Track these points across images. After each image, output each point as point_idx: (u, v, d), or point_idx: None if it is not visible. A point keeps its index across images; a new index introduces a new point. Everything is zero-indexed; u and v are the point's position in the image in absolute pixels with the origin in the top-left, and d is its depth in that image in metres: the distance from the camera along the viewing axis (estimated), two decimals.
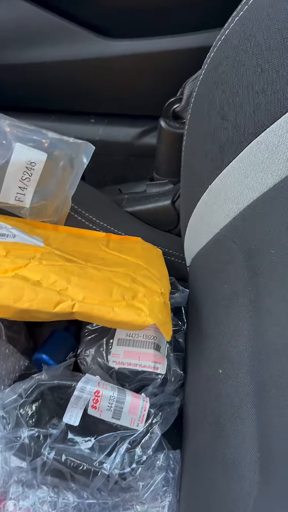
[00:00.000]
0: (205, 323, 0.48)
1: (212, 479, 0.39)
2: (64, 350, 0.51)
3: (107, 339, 0.50)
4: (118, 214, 0.63)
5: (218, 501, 0.37)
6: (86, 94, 0.64)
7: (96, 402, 0.41)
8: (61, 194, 0.56)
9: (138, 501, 0.41)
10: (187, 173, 0.54)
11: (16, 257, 0.46)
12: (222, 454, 0.39)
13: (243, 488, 0.35)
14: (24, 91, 0.64)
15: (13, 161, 0.52)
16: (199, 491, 0.41)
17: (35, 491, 0.39)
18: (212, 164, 0.48)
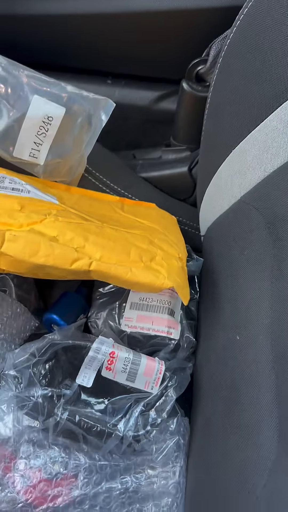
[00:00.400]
0: (222, 291, 0.47)
1: (227, 447, 0.38)
2: (75, 311, 0.50)
3: (119, 302, 0.49)
4: (133, 179, 0.61)
5: (233, 468, 0.36)
6: (104, 52, 0.62)
7: (111, 363, 0.40)
8: (77, 152, 0.54)
9: (149, 465, 0.40)
10: (209, 137, 0.53)
11: (31, 212, 0.44)
12: (238, 421, 0.38)
13: (260, 454, 0.35)
14: (40, 45, 0.62)
15: (29, 114, 0.50)
16: (211, 458, 0.40)
17: (46, 451, 0.38)
18: (238, 126, 0.46)
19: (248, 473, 0.35)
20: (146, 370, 0.41)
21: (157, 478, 0.40)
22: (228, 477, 0.37)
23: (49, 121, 0.50)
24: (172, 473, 0.41)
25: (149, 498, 0.40)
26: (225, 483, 0.37)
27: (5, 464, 0.38)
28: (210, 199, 0.54)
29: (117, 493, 0.39)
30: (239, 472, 0.36)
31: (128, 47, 0.60)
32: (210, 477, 0.39)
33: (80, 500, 0.38)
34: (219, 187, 0.52)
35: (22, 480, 0.38)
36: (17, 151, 0.51)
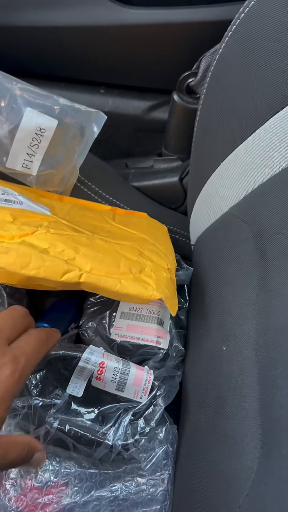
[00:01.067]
0: (210, 301, 0.48)
1: (212, 455, 0.39)
2: (66, 320, 0.51)
3: (110, 312, 0.50)
4: (125, 188, 0.62)
5: (218, 476, 0.37)
6: (97, 63, 0.63)
7: (100, 373, 0.41)
8: (69, 163, 0.55)
9: (138, 473, 0.41)
10: (199, 148, 0.53)
11: (23, 224, 0.45)
12: (223, 430, 0.39)
13: (244, 463, 0.36)
14: (34, 55, 0.63)
15: (22, 126, 0.50)
16: (197, 466, 0.41)
17: None
18: (227, 139, 0.47)
19: (231, 482, 0.36)
20: (135, 380, 0.42)
21: (146, 486, 0.41)
22: (213, 485, 0.38)
23: (42, 133, 0.51)
24: (160, 480, 0.41)
25: (138, 505, 0.40)
26: (210, 491, 0.38)
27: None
28: (200, 209, 0.55)
29: (107, 501, 0.40)
30: (223, 481, 0.37)
31: (121, 58, 0.61)
32: (196, 484, 0.40)
33: (70, 508, 0.39)
34: (208, 198, 0.53)
35: (13, 489, 0.38)
36: (10, 162, 0.52)
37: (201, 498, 0.39)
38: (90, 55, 0.61)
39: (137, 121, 0.66)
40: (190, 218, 0.58)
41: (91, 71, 0.64)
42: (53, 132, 0.51)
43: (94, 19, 0.57)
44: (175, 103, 0.58)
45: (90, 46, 0.60)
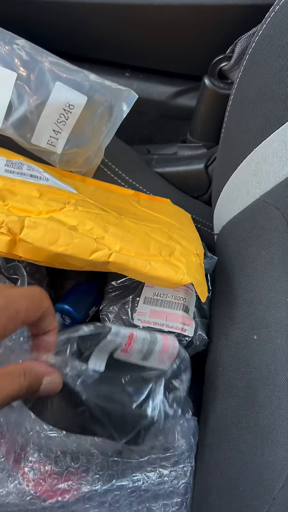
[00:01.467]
0: (237, 290, 0.47)
1: (240, 446, 0.38)
2: (88, 303, 0.49)
3: (132, 296, 0.48)
4: (148, 173, 0.61)
5: (248, 468, 0.36)
6: (124, 44, 0.61)
7: (128, 345, 0.38)
8: (95, 143, 0.53)
9: (161, 464, 0.39)
10: (229, 134, 0.52)
11: (50, 200, 0.43)
12: (254, 420, 0.37)
13: (278, 454, 0.34)
14: (60, 33, 0.61)
15: (51, 101, 0.49)
16: (223, 457, 0.39)
17: (58, 443, 0.37)
18: (262, 124, 0.46)
19: (264, 473, 0.35)
20: (163, 348, 0.39)
21: (168, 478, 0.39)
22: (243, 477, 0.36)
23: (70, 109, 0.49)
24: (183, 473, 0.40)
25: (159, 497, 0.39)
26: (239, 483, 0.36)
27: (16, 455, 0.37)
28: (227, 197, 0.54)
29: (127, 491, 0.38)
30: (254, 472, 0.36)
31: (150, 40, 0.59)
32: (222, 476, 0.39)
33: (90, 496, 0.37)
34: (237, 185, 0.51)
35: (32, 472, 0.37)
36: (35, 138, 0.51)
37: (228, 490, 0.37)
38: (117, 35, 0.59)
39: (161, 106, 0.64)
40: (215, 206, 0.57)
41: (117, 53, 0.63)
42: (81, 109, 0.50)
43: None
44: (206, 88, 0.56)
45: (118, 25, 0.58)
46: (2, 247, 0.39)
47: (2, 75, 0.47)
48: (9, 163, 0.47)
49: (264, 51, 0.46)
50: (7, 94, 0.48)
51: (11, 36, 0.48)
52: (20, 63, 0.48)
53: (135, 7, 0.57)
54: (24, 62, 0.48)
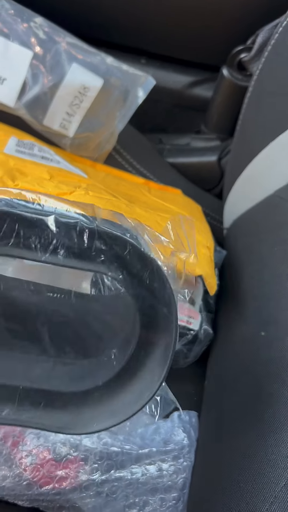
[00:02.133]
0: (246, 285, 0.46)
1: (243, 442, 0.37)
2: None
3: None
4: (159, 163, 0.60)
5: (250, 464, 0.35)
6: (143, 29, 0.60)
7: None
8: (108, 128, 0.52)
9: (160, 457, 0.39)
10: (246, 127, 0.51)
11: (60, 182, 0.42)
12: (258, 417, 0.37)
13: (282, 452, 0.33)
14: (80, 13, 0.59)
15: (66, 82, 0.48)
16: (223, 454, 0.39)
17: None
18: (280, 118, 0.45)
19: (266, 471, 0.34)
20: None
21: (167, 472, 0.39)
22: (244, 474, 0.36)
23: (85, 92, 0.48)
24: (182, 468, 0.39)
25: (157, 491, 0.38)
26: (240, 480, 0.36)
27: (14, 439, 0.36)
28: (240, 191, 0.53)
29: (125, 483, 0.37)
30: (256, 469, 0.35)
31: (171, 27, 0.58)
32: (221, 472, 0.38)
33: (87, 485, 0.37)
34: (251, 179, 0.50)
35: (29, 458, 0.36)
36: (48, 119, 0.50)
37: (228, 487, 0.36)
38: (138, 19, 0.58)
39: (176, 96, 0.63)
40: (226, 200, 0.56)
41: (134, 38, 0.61)
42: (96, 93, 0.49)
43: None
44: (224, 79, 0.55)
45: (139, 9, 0.57)
46: None
47: (18, 53, 0.46)
48: (20, 143, 0.46)
49: (286, 43, 0.45)
50: (22, 73, 0.47)
51: (29, 13, 0.47)
52: (37, 42, 0.47)
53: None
54: (41, 41, 0.47)
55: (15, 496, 0.37)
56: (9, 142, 0.45)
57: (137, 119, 0.65)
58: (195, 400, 0.48)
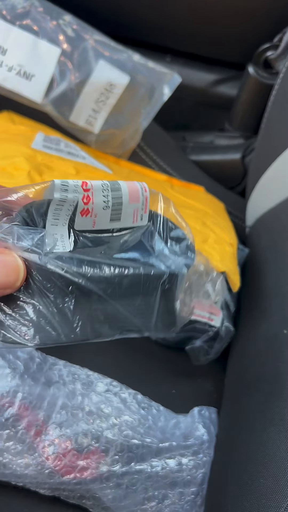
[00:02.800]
0: (269, 283, 0.46)
1: (263, 439, 0.37)
2: None
3: None
4: (183, 160, 0.60)
5: (270, 461, 0.35)
6: (166, 27, 0.60)
7: (88, 200, 0.26)
8: (133, 125, 0.53)
9: (180, 452, 0.39)
10: (271, 125, 0.51)
11: (86, 178, 0.43)
12: (279, 414, 0.37)
13: None
14: (103, 12, 0.60)
15: (92, 79, 0.48)
16: (243, 450, 0.39)
17: (79, 420, 0.37)
18: None
19: (286, 467, 0.34)
20: (130, 194, 0.28)
21: (187, 466, 0.39)
22: (264, 470, 0.36)
23: (111, 89, 0.49)
24: (202, 463, 0.39)
25: (176, 485, 0.38)
26: (259, 476, 0.36)
27: (37, 428, 0.37)
28: (264, 189, 0.52)
29: (145, 476, 0.38)
30: (276, 466, 0.35)
31: (197, 24, 0.58)
32: (241, 468, 0.38)
33: (107, 476, 0.37)
34: (275, 177, 0.50)
35: (52, 447, 0.37)
36: (74, 116, 0.50)
37: (248, 482, 0.36)
38: (165, 17, 0.58)
39: (200, 94, 0.63)
40: (250, 198, 0.56)
41: (158, 36, 0.62)
42: (122, 89, 0.49)
43: None
44: (249, 77, 0.55)
45: (161, 8, 0.57)
46: None
47: (47, 50, 0.47)
48: (47, 139, 0.47)
49: None
50: (50, 70, 0.47)
51: (58, 11, 0.48)
52: (65, 39, 0.47)
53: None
54: (69, 38, 0.47)
55: (36, 484, 0.38)
56: (36, 137, 0.46)
57: (161, 116, 0.66)
58: (215, 396, 0.48)
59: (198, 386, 0.48)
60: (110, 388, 0.41)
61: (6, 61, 0.47)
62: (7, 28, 0.47)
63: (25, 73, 0.48)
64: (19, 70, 0.47)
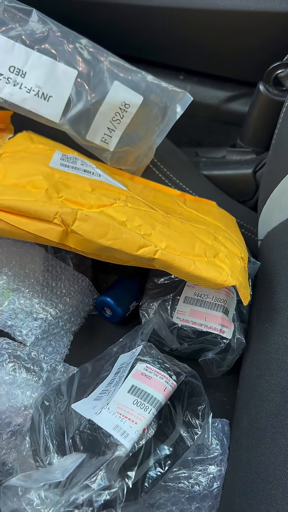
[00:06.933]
0: (280, 296, 0.46)
1: (272, 450, 0.38)
2: (128, 297, 0.50)
3: (173, 295, 0.49)
4: (195, 176, 0.61)
5: (280, 472, 0.36)
6: (182, 47, 0.62)
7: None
8: (147, 143, 0.54)
9: (194, 467, 0.40)
10: (281, 141, 0.52)
11: (102, 195, 0.45)
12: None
13: None
14: (118, 34, 0.62)
15: (108, 99, 0.50)
16: (252, 460, 0.40)
17: None
18: None
19: None
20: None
21: (203, 479, 0.40)
22: (274, 480, 0.36)
23: (126, 108, 0.51)
24: (216, 476, 0.40)
25: (194, 499, 0.39)
26: (270, 486, 0.36)
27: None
28: (275, 203, 0.53)
29: (163, 490, 0.38)
30: (286, 476, 0.36)
31: (210, 45, 0.60)
32: (251, 478, 0.39)
33: None
34: (286, 191, 0.51)
35: None
36: (90, 134, 0.52)
37: (258, 492, 0.37)
38: (178, 39, 0.60)
39: (213, 111, 0.65)
40: (261, 211, 0.57)
41: (174, 56, 0.64)
42: (137, 109, 0.51)
43: (188, 2, 0.56)
44: (260, 94, 0.56)
45: (181, 29, 0.59)
46: (54, 237, 0.40)
47: (64, 72, 0.49)
48: (64, 157, 0.49)
49: None
50: (67, 91, 0.50)
51: (75, 35, 0.50)
52: (82, 62, 0.49)
53: (201, 12, 0.58)
54: (86, 60, 0.50)
55: None
56: (54, 156, 0.48)
57: (175, 132, 0.68)
58: (227, 408, 0.49)
59: (211, 397, 0.49)
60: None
61: (25, 83, 0.50)
62: (26, 52, 0.49)
63: (43, 94, 0.50)
64: (38, 92, 0.50)
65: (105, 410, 0.36)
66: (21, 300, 0.46)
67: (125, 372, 0.40)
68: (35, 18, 0.49)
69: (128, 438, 0.35)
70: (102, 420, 0.36)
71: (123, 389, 0.38)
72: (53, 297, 0.47)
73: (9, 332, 0.45)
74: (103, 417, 0.36)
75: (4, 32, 0.48)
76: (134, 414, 0.36)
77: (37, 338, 0.45)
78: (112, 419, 0.36)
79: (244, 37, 0.58)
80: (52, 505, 0.31)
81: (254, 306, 0.51)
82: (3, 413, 0.38)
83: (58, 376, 0.42)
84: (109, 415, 0.36)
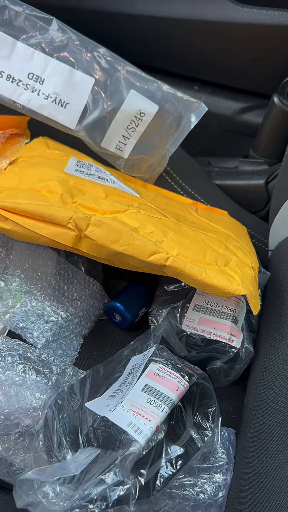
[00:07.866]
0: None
1: (279, 460, 0.38)
2: (138, 303, 0.51)
3: (183, 302, 0.49)
4: (207, 185, 0.62)
5: (286, 485, 0.36)
6: (198, 58, 0.63)
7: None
8: (160, 151, 0.55)
9: (199, 475, 0.40)
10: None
11: (115, 201, 0.45)
12: None
13: None
14: (136, 44, 0.63)
15: (124, 107, 0.51)
16: (259, 470, 0.39)
17: None
18: None
19: None
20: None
21: (208, 488, 0.40)
22: (281, 490, 0.36)
23: (141, 116, 0.52)
24: (222, 485, 0.40)
25: (199, 508, 0.39)
26: (277, 497, 0.36)
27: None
28: (286, 213, 0.54)
29: (168, 497, 0.38)
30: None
31: (222, 56, 0.61)
32: (258, 488, 0.39)
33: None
34: None
35: None
36: (105, 142, 0.53)
37: (264, 503, 0.37)
38: (194, 50, 0.61)
39: (226, 121, 0.66)
40: (273, 222, 0.57)
41: (189, 66, 0.65)
42: (152, 117, 0.52)
43: (205, 14, 0.57)
44: (274, 106, 0.57)
45: (191, 40, 0.60)
46: (68, 241, 0.41)
47: (81, 80, 0.50)
48: (79, 163, 0.50)
49: None
50: (83, 98, 0.51)
51: (94, 44, 0.51)
52: (99, 70, 0.50)
53: (218, 24, 0.58)
54: (103, 69, 0.50)
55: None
56: (69, 162, 0.49)
57: (188, 142, 0.68)
58: (234, 417, 0.48)
59: (218, 407, 0.49)
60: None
61: (43, 90, 0.51)
62: (45, 59, 0.50)
63: (60, 101, 0.51)
64: (55, 98, 0.51)
65: (119, 408, 0.37)
66: (33, 302, 0.46)
67: (138, 372, 0.40)
68: (55, 27, 0.50)
69: (142, 434, 0.35)
70: (116, 417, 0.36)
71: (137, 388, 0.39)
72: (64, 301, 0.48)
73: (21, 334, 0.46)
74: (117, 414, 0.36)
75: (24, 40, 0.49)
76: (148, 411, 0.36)
77: (48, 340, 0.45)
78: (126, 416, 0.36)
79: (260, 50, 0.58)
80: (67, 499, 0.31)
81: (264, 316, 0.52)
82: (12, 414, 0.39)
83: (67, 379, 0.42)
84: (123, 412, 0.36)
